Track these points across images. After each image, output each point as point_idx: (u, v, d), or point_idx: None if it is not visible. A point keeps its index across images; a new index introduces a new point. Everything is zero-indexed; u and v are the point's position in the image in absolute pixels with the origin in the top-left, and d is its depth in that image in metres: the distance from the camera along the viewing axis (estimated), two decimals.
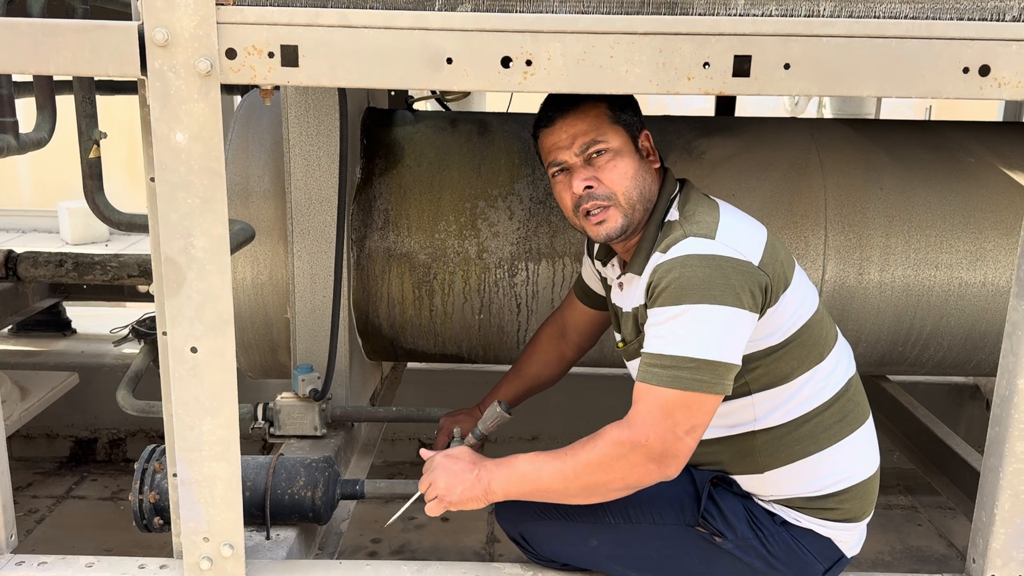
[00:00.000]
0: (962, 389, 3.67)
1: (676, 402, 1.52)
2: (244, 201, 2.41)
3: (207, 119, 1.44)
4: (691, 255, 1.56)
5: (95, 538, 3.06)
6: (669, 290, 1.54)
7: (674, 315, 1.53)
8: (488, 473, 1.65)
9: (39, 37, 1.40)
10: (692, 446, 1.55)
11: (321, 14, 1.40)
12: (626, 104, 1.73)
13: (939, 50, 1.42)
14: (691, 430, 1.54)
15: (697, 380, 1.52)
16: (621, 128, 1.70)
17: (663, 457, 1.53)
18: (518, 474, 1.63)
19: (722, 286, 1.52)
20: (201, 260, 1.50)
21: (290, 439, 2.28)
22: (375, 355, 2.64)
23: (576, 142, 1.68)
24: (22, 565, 1.74)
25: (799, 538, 1.71)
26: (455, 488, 1.67)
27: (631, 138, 1.71)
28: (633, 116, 1.74)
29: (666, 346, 1.54)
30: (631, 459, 1.53)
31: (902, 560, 3.08)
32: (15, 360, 3.66)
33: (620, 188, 1.68)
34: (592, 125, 1.68)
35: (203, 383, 1.55)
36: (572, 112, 1.69)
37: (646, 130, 1.76)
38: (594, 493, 1.60)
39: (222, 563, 1.65)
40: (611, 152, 1.68)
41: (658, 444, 1.52)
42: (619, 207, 1.68)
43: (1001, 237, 2.39)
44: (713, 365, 1.52)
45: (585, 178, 1.68)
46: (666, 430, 1.52)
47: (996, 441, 1.68)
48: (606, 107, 1.69)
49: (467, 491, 1.66)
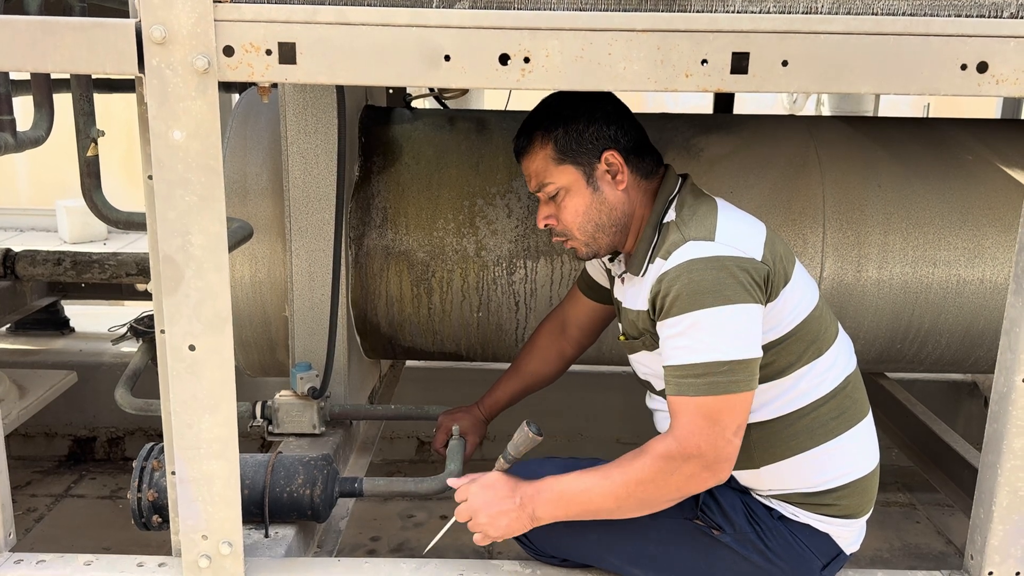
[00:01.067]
0: (960, 386, 3.67)
1: (719, 407, 1.54)
2: (242, 199, 2.41)
3: (205, 117, 1.43)
4: (695, 259, 1.56)
5: (94, 536, 3.06)
6: (681, 298, 1.55)
7: (693, 323, 1.54)
8: (530, 500, 1.65)
9: (36, 35, 1.40)
10: (739, 444, 1.57)
11: (319, 11, 1.40)
12: (582, 131, 1.70)
13: (937, 47, 1.42)
14: (737, 430, 1.56)
15: (734, 382, 1.53)
16: (569, 165, 1.72)
17: (717, 463, 1.55)
18: (565, 498, 1.63)
19: (732, 285, 1.54)
20: (199, 258, 1.49)
21: (288, 437, 2.28)
22: (373, 353, 2.64)
23: (532, 181, 1.78)
24: (20, 563, 1.74)
25: (797, 533, 1.71)
26: (499, 521, 1.65)
27: (583, 171, 1.72)
28: (590, 142, 1.70)
29: (694, 356, 1.54)
30: (685, 471, 1.55)
31: (900, 557, 3.09)
32: (13, 359, 3.66)
33: (572, 225, 1.75)
34: (540, 167, 1.74)
35: (201, 381, 1.55)
36: (526, 152, 1.77)
37: (611, 149, 1.71)
38: (646, 507, 1.61)
39: (221, 561, 1.65)
40: (562, 191, 1.74)
41: (711, 451, 1.54)
42: (576, 240, 1.77)
43: (999, 234, 2.40)
44: (744, 364, 1.54)
45: (546, 215, 1.79)
46: (716, 436, 1.54)
47: (994, 438, 1.68)
48: (551, 147, 1.72)
49: (512, 522, 1.65)
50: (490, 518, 1.66)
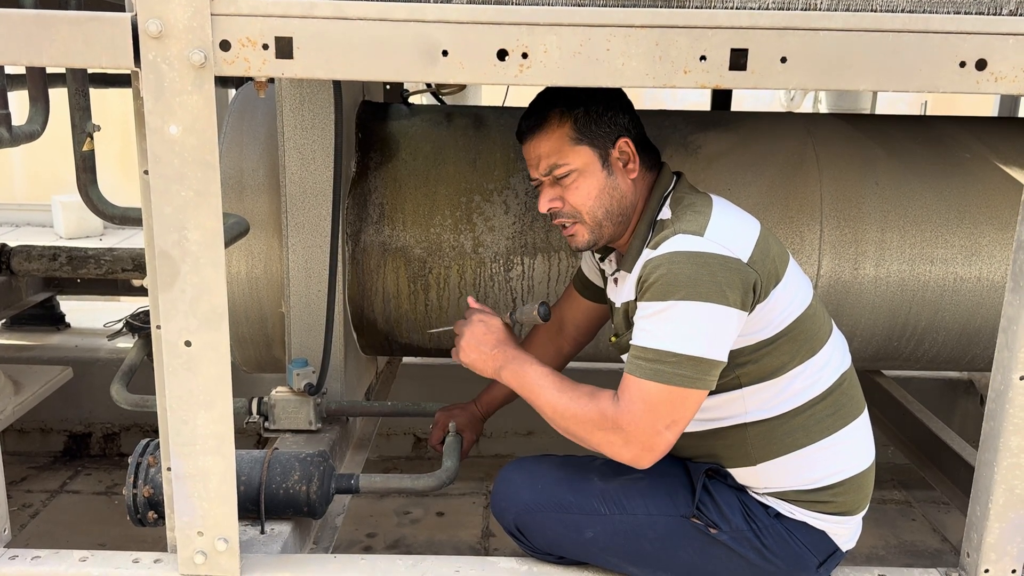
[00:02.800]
0: (956, 384, 3.67)
1: (658, 396, 1.55)
2: (238, 194, 2.40)
3: (201, 111, 1.43)
4: (679, 252, 1.57)
5: (89, 532, 3.05)
6: (656, 286, 1.56)
7: (660, 310, 1.56)
8: (503, 356, 1.75)
9: (31, 28, 1.39)
10: (671, 440, 1.58)
11: (316, 6, 1.39)
12: (598, 117, 1.71)
13: (936, 44, 1.42)
14: (671, 424, 1.57)
15: (678, 375, 1.54)
16: (586, 146, 1.71)
17: (639, 447, 1.58)
18: (524, 377, 1.72)
19: (708, 283, 1.54)
20: (195, 253, 1.49)
21: (285, 433, 2.28)
22: (370, 350, 2.64)
23: (541, 163, 1.74)
24: (16, 559, 1.73)
25: (793, 531, 1.71)
26: (472, 352, 1.78)
27: (599, 154, 1.71)
28: (607, 127, 1.71)
29: (650, 340, 1.57)
30: (609, 436, 1.59)
31: (896, 555, 3.09)
32: (9, 354, 3.64)
33: (584, 207, 1.72)
34: (554, 147, 1.71)
35: (197, 377, 1.55)
36: (537, 132, 1.73)
37: (624, 137, 1.73)
38: (570, 436, 1.67)
39: (216, 557, 1.65)
40: (575, 172, 1.71)
41: (637, 434, 1.57)
42: (584, 224, 1.74)
43: (996, 232, 2.40)
44: (695, 361, 1.54)
45: (551, 198, 1.75)
46: (647, 423, 1.56)
47: (991, 436, 1.68)
48: (570, 126, 1.70)
49: (480, 359, 1.77)
50: (469, 344, 1.78)
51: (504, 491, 1.81)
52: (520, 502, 1.77)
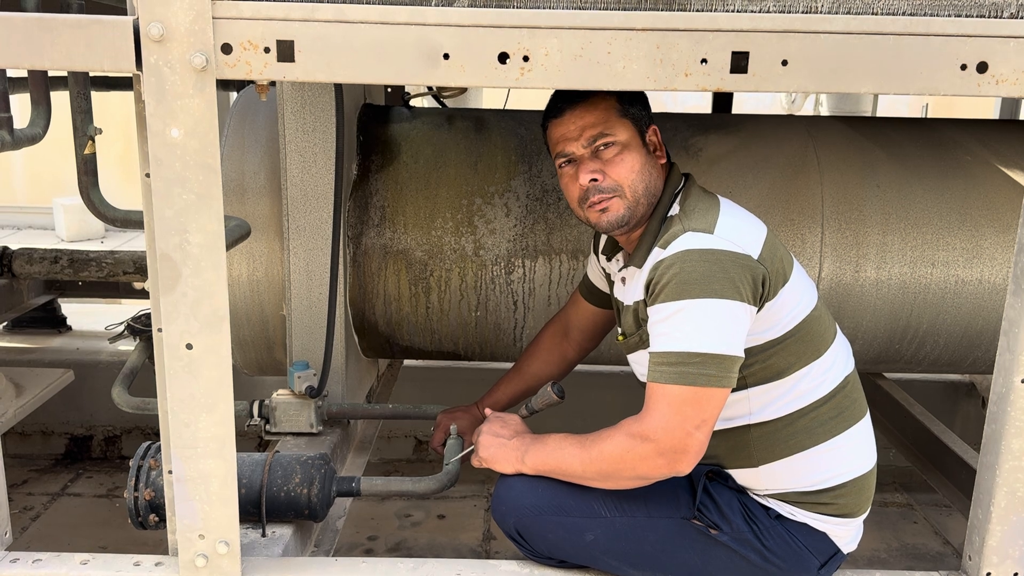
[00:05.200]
0: (958, 387, 3.67)
1: (685, 398, 1.55)
2: (240, 197, 2.40)
3: (202, 115, 1.43)
4: (690, 250, 1.57)
5: (90, 535, 3.05)
6: (670, 286, 1.56)
7: (676, 311, 1.55)
8: (524, 444, 1.75)
9: (33, 31, 1.39)
10: (703, 441, 1.57)
11: (317, 9, 1.40)
12: (635, 98, 1.74)
13: (937, 47, 1.42)
14: (700, 424, 1.56)
15: (704, 375, 1.54)
16: (629, 122, 1.71)
17: (673, 452, 1.56)
18: (546, 451, 1.71)
19: (722, 280, 1.54)
20: (196, 256, 1.49)
21: (286, 436, 2.28)
22: (371, 352, 2.64)
23: (584, 134, 1.70)
24: (17, 562, 1.73)
25: (794, 532, 1.71)
26: (493, 448, 1.78)
27: (639, 132, 1.73)
28: (642, 110, 1.75)
29: (671, 343, 1.56)
30: (641, 452, 1.57)
31: (898, 557, 3.09)
32: (10, 357, 3.65)
33: (626, 181, 1.70)
34: (600, 118, 1.69)
35: (198, 380, 1.55)
36: (581, 104, 1.70)
37: (654, 125, 1.77)
38: (608, 480, 1.66)
39: (217, 560, 1.65)
40: (618, 145, 1.70)
41: (667, 439, 1.55)
42: (624, 198, 1.70)
43: (998, 235, 2.40)
44: (719, 359, 1.54)
45: (592, 170, 1.70)
46: (675, 426, 1.55)
47: (992, 438, 1.68)
48: (615, 100, 1.71)
49: (502, 451, 1.77)
50: (487, 440, 1.79)
51: (505, 495, 1.80)
52: (521, 506, 1.77)
